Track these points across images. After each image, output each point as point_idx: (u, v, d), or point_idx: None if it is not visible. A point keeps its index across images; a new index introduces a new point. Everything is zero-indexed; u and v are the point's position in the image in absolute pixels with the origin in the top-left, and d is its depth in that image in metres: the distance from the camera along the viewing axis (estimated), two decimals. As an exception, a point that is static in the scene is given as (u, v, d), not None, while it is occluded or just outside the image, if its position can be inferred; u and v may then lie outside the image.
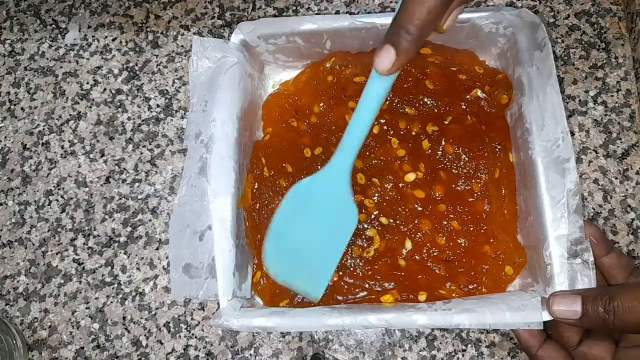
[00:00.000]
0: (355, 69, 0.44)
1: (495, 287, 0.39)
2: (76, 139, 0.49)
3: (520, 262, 0.40)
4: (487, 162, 0.41)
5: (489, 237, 0.40)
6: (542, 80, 0.39)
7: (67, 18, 0.52)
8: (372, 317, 0.36)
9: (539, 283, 0.38)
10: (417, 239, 0.40)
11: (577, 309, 0.33)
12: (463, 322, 0.35)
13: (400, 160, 0.42)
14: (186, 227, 0.40)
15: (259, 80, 0.46)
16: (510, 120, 0.42)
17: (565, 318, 0.34)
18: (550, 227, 0.37)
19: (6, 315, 0.45)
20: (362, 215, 0.41)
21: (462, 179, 0.41)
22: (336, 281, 0.40)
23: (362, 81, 0.43)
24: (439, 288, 0.39)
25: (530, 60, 0.40)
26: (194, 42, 0.43)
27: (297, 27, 0.43)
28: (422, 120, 0.42)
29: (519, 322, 0.35)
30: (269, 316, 0.37)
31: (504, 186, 0.41)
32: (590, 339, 0.36)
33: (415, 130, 0.42)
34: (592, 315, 0.33)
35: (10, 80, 0.51)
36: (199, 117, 0.42)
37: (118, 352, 0.44)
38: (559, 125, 0.38)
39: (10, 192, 0.48)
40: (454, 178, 0.41)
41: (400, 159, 0.42)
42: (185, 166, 0.41)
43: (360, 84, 0.43)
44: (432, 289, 0.39)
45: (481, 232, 0.40)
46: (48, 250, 0.46)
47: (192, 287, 0.39)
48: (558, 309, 0.34)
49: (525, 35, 0.41)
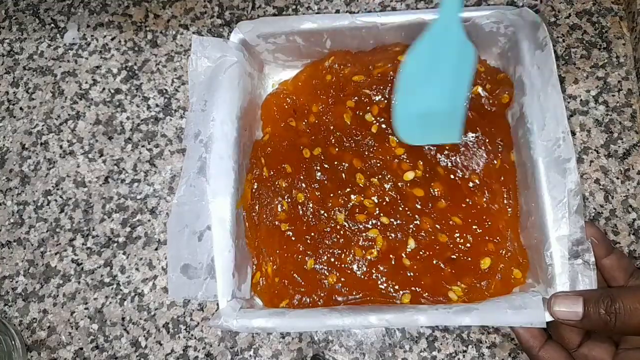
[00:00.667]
0: (354, 68, 0.44)
1: (503, 290, 0.39)
2: (75, 138, 0.49)
3: (524, 264, 0.39)
4: (488, 155, 0.41)
5: (494, 233, 0.40)
6: (543, 79, 0.39)
7: (66, 17, 0.52)
8: (372, 317, 0.36)
9: (540, 284, 0.38)
10: (420, 238, 0.40)
11: (578, 310, 0.33)
12: (465, 321, 0.35)
13: (398, 159, 0.41)
14: (185, 227, 0.40)
15: (258, 79, 0.46)
16: (512, 120, 0.42)
17: (567, 319, 0.34)
18: (551, 227, 0.37)
19: (5, 316, 0.45)
20: (362, 215, 0.40)
21: (461, 173, 0.41)
22: (337, 282, 0.40)
23: (360, 80, 0.43)
24: (447, 288, 0.39)
25: (531, 59, 0.40)
26: (193, 42, 0.43)
27: (296, 26, 0.43)
28: None
29: (522, 321, 0.35)
30: (268, 317, 0.37)
31: (506, 183, 0.41)
32: (591, 341, 0.36)
33: None
34: (593, 317, 0.33)
35: (8, 79, 0.51)
36: (198, 117, 0.42)
37: (117, 352, 0.44)
38: (560, 125, 0.38)
39: (8, 192, 0.48)
40: (452, 173, 0.41)
41: (398, 158, 0.41)
42: (184, 166, 0.41)
43: (359, 82, 0.43)
44: (440, 288, 0.39)
45: (485, 227, 0.40)
46: (47, 251, 0.46)
47: (191, 288, 0.39)
48: (559, 310, 0.34)
49: (526, 35, 0.41)
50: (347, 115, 0.42)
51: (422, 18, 0.42)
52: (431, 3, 0.49)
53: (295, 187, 0.41)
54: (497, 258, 0.39)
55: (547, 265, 0.36)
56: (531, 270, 0.39)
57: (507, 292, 0.39)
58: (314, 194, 0.41)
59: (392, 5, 0.49)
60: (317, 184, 0.41)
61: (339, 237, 0.40)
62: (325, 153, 0.42)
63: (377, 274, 0.40)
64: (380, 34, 0.43)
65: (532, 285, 0.39)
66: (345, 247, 0.40)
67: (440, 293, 0.39)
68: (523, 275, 0.39)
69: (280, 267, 0.41)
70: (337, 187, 0.41)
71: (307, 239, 0.41)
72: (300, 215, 0.41)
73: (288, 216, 0.41)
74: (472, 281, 0.39)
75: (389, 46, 0.44)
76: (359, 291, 0.40)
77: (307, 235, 0.41)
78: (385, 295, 0.39)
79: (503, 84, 0.42)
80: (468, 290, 0.39)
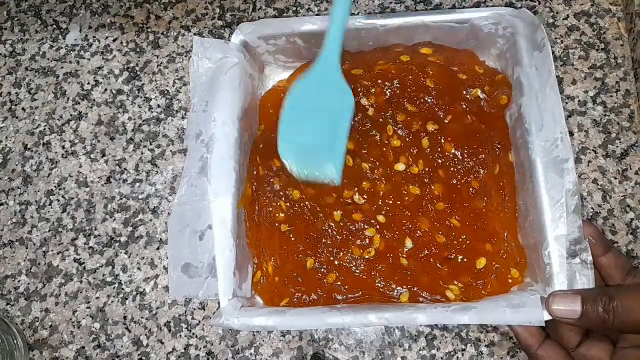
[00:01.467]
0: (354, 65, 0.44)
1: (500, 289, 0.39)
2: (77, 139, 0.49)
3: (522, 263, 0.40)
4: (487, 159, 0.41)
5: (491, 234, 0.40)
6: (541, 80, 0.39)
7: (68, 18, 0.53)
8: (371, 315, 0.36)
9: (538, 283, 0.38)
10: (417, 237, 0.40)
11: (576, 308, 0.33)
12: (463, 319, 0.35)
13: (394, 150, 0.42)
14: (186, 226, 0.40)
15: (259, 80, 0.46)
16: (510, 121, 0.43)
17: (565, 317, 0.34)
18: (549, 227, 0.37)
19: (7, 315, 0.45)
20: (358, 214, 0.41)
21: (460, 176, 0.41)
22: (336, 280, 0.40)
23: (359, 73, 0.43)
24: (444, 287, 0.39)
25: (529, 60, 0.40)
26: (195, 43, 0.43)
27: (297, 28, 0.43)
28: (423, 117, 0.42)
29: (520, 320, 0.35)
30: (269, 315, 0.37)
31: (504, 184, 0.41)
32: (589, 340, 0.36)
33: (415, 128, 0.42)
34: (591, 315, 0.33)
35: (11, 80, 0.51)
36: (199, 117, 0.42)
37: (119, 351, 0.44)
38: (557, 126, 0.38)
39: (11, 192, 0.48)
40: (452, 176, 0.41)
41: (394, 150, 0.42)
42: (186, 166, 0.41)
43: (358, 75, 0.43)
44: (437, 287, 0.39)
45: (482, 228, 0.40)
46: (49, 250, 0.47)
47: (192, 287, 0.40)
48: (557, 308, 0.34)
49: (524, 36, 0.41)
50: None
51: (422, 20, 0.42)
52: (430, 4, 0.49)
53: (290, 184, 0.42)
54: (493, 258, 0.40)
55: (545, 265, 0.37)
56: (529, 270, 0.40)
57: (505, 291, 0.39)
58: (309, 190, 0.41)
59: (391, 6, 0.50)
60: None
61: (337, 236, 0.41)
62: None
63: (376, 272, 0.40)
64: (379, 35, 0.44)
65: (530, 285, 0.39)
66: (344, 246, 0.41)
67: (438, 292, 0.39)
68: (521, 275, 0.40)
69: (280, 266, 0.41)
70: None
71: (306, 238, 0.41)
72: (299, 214, 0.41)
73: (287, 216, 0.42)
74: (468, 280, 0.39)
75: (389, 47, 0.45)
76: (358, 289, 0.40)
77: (306, 235, 0.41)
78: (384, 293, 0.40)
79: (501, 85, 0.43)
80: (465, 289, 0.39)
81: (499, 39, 0.43)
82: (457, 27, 0.43)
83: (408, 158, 0.41)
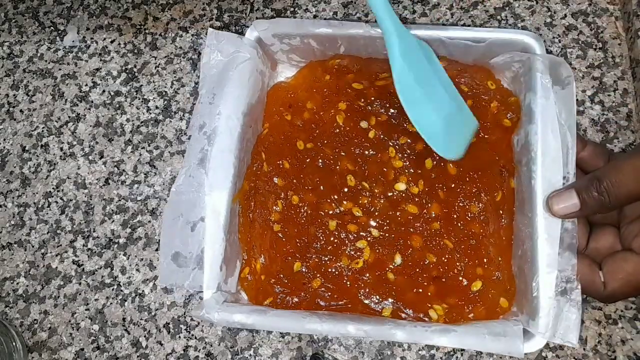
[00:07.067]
0: (357, 76, 0.44)
1: (487, 315, 0.39)
2: (75, 140, 0.49)
3: (511, 291, 0.39)
4: (490, 184, 0.40)
5: (483, 259, 0.39)
6: (560, 117, 0.38)
7: (66, 20, 0.53)
8: (351, 326, 0.36)
9: (524, 314, 0.37)
10: (408, 254, 0.40)
11: (575, 201, 0.35)
12: (441, 341, 0.35)
13: (395, 170, 0.41)
14: (180, 216, 0.40)
15: (270, 77, 0.46)
16: (516, 146, 0.41)
17: (569, 213, 0.35)
18: (542, 261, 0.36)
19: (6, 317, 0.45)
20: (353, 225, 0.41)
21: (461, 199, 0.40)
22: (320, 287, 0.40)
23: (359, 88, 0.43)
24: (428, 306, 0.39)
25: (544, 91, 0.39)
26: (209, 35, 0.43)
27: (312, 30, 0.43)
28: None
29: (499, 349, 0.35)
30: (249, 313, 0.37)
31: (504, 211, 0.40)
32: (594, 234, 0.38)
33: (418, 149, 0.41)
34: (589, 202, 0.35)
35: (9, 82, 0.51)
36: (205, 109, 0.42)
37: (118, 353, 0.44)
38: (569, 166, 0.37)
39: (9, 194, 0.48)
40: (453, 197, 0.40)
41: (395, 170, 0.41)
42: (186, 155, 0.41)
43: (357, 90, 0.43)
44: (421, 305, 0.39)
45: (476, 252, 0.39)
46: (47, 252, 0.47)
47: (179, 276, 0.40)
48: (559, 207, 0.35)
49: (542, 63, 0.40)
50: (340, 117, 0.43)
51: (438, 35, 0.41)
52: (428, 4, 0.49)
53: (291, 188, 0.42)
54: (487, 283, 0.39)
55: (533, 297, 0.36)
56: (517, 299, 0.39)
57: (490, 317, 0.38)
58: (309, 196, 0.41)
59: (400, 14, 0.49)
60: (311, 186, 0.42)
61: (328, 243, 0.41)
62: (318, 150, 0.42)
63: (361, 283, 0.40)
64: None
65: (515, 314, 0.38)
66: (333, 254, 0.40)
67: (422, 310, 0.39)
68: (510, 303, 0.39)
69: (268, 265, 0.41)
70: (331, 191, 0.41)
71: (298, 241, 0.41)
72: (294, 217, 0.41)
73: (282, 217, 0.41)
74: (455, 302, 0.39)
75: None
76: (342, 298, 0.40)
77: (298, 239, 0.41)
78: (367, 305, 0.39)
79: (513, 107, 0.42)
80: (449, 310, 0.39)
81: (515, 63, 0.42)
82: (472, 45, 0.42)
83: (409, 178, 0.41)
